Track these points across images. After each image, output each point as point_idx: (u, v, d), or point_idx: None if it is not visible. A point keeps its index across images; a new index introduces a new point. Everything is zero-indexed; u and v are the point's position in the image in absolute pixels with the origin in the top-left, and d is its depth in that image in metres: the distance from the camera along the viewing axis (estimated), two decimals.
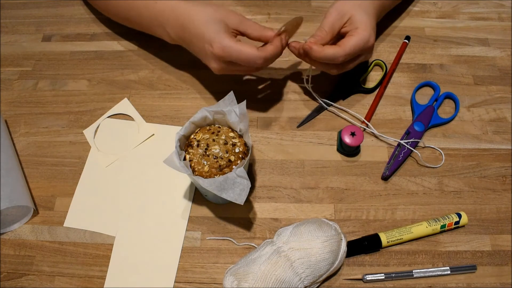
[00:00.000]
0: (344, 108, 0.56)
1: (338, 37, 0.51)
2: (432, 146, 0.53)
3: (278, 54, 0.49)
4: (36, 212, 0.50)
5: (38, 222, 0.50)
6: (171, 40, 0.54)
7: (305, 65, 0.61)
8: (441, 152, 0.53)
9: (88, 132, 0.56)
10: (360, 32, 0.49)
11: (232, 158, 0.44)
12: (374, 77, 0.60)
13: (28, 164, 0.54)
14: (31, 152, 0.55)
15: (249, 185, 0.41)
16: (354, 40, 0.48)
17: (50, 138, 0.56)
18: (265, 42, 0.49)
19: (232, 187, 0.41)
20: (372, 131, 0.54)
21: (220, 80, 0.59)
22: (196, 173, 0.43)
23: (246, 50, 0.46)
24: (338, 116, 0.56)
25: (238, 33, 0.50)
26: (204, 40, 0.48)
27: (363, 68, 0.60)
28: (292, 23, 0.50)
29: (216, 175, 0.43)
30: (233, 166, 0.44)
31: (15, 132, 0.56)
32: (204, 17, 0.48)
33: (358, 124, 0.55)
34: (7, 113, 0.58)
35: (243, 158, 0.45)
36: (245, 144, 0.46)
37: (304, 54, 0.50)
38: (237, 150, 0.44)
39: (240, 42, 0.47)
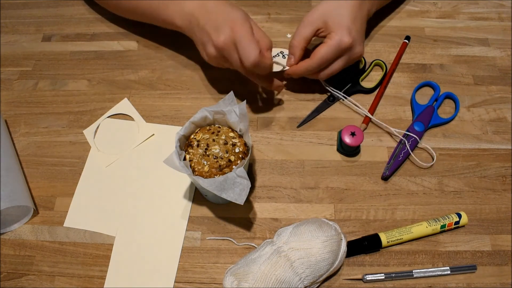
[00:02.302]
0: (352, 101, 0.57)
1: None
2: (427, 147, 0.53)
3: (270, 66, 0.50)
4: (36, 212, 0.50)
5: (38, 222, 0.50)
6: (182, 18, 0.53)
7: None
8: (433, 152, 0.53)
9: (88, 132, 0.56)
10: (332, 36, 0.51)
11: (232, 158, 0.44)
12: (374, 77, 0.60)
13: (28, 164, 0.54)
14: (31, 152, 0.55)
15: (249, 185, 0.41)
16: (323, 48, 0.51)
17: (50, 138, 0.56)
18: None
19: (232, 187, 0.41)
20: (377, 122, 0.55)
21: (220, 80, 0.59)
22: (196, 173, 0.43)
23: (252, 37, 0.47)
24: (350, 109, 0.57)
25: None
26: (227, 13, 0.48)
27: (363, 68, 0.60)
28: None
29: (216, 175, 0.43)
30: (233, 166, 0.44)
31: (15, 132, 0.56)
32: (226, 2, 0.50)
33: (362, 116, 0.55)
34: (7, 113, 0.58)
35: (243, 158, 0.45)
36: (245, 144, 0.46)
37: (286, 76, 0.55)
38: (237, 150, 0.44)
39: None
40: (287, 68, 0.54)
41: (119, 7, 0.61)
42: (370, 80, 0.60)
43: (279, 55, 0.55)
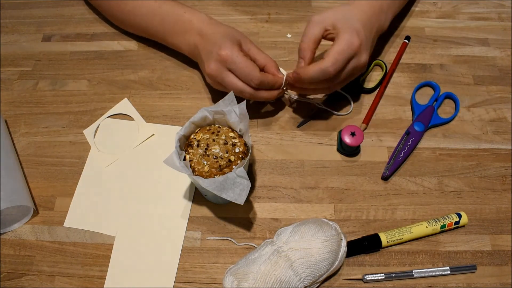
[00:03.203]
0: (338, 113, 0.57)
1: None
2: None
3: (272, 86, 0.51)
4: (36, 212, 0.50)
5: (38, 222, 0.50)
6: (188, 48, 0.56)
7: None
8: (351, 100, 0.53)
9: (88, 132, 0.56)
10: (341, 36, 0.48)
11: (232, 158, 0.44)
12: (374, 77, 0.60)
13: (28, 164, 0.54)
14: (31, 152, 0.55)
15: (249, 185, 0.41)
16: (336, 46, 0.47)
17: (50, 138, 0.56)
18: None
19: (232, 187, 0.41)
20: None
21: None
22: (196, 173, 0.43)
23: (250, 64, 0.49)
24: (339, 116, 0.56)
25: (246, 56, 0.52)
26: (213, 44, 0.51)
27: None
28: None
29: (216, 175, 0.43)
30: (233, 166, 0.44)
31: (15, 132, 0.56)
32: (224, 31, 0.52)
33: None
34: (7, 113, 0.58)
35: (243, 158, 0.45)
36: (245, 144, 0.46)
37: (294, 81, 0.50)
38: (237, 150, 0.44)
39: (246, 58, 0.50)
40: (285, 74, 0.52)
41: (128, 27, 0.63)
42: (370, 80, 0.60)
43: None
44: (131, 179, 0.52)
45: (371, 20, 0.52)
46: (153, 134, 0.56)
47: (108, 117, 0.57)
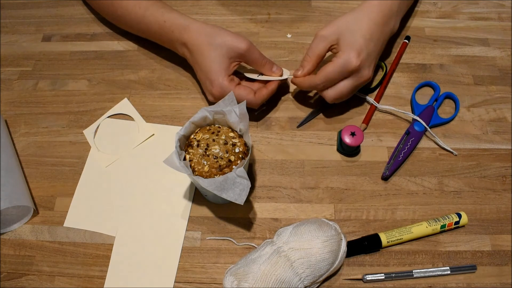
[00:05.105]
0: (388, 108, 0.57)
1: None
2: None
3: (271, 95, 0.54)
4: (36, 212, 0.50)
5: (38, 222, 0.50)
6: (181, 55, 0.57)
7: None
8: None
9: (88, 132, 0.56)
10: (340, 55, 0.49)
11: (232, 158, 0.44)
12: (374, 77, 0.60)
13: (28, 164, 0.54)
14: (31, 152, 0.55)
15: (249, 185, 0.41)
16: (329, 66, 0.49)
17: (50, 138, 0.56)
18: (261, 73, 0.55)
19: (232, 187, 0.41)
20: (385, 108, 0.55)
21: None
22: (196, 173, 0.43)
23: (243, 96, 0.51)
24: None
25: (240, 61, 0.52)
26: (206, 77, 0.52)
27: None
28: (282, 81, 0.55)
29: (216, 175, 0.43)
30: (233, 166, 0.44)
31: (15, 132, 0.56)
32: (210, 52, 0.51)
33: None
34: (7, 113, 0.58)
35: (243, 158, 0.45)
36: (245, 144, 0.46)
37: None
38: (237, 150, 0.44)
39: (238, 85, 0.51)
40: (291, 77, 0.54)
41: (125, 29, 0.63)
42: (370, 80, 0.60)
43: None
44: (131, 179, 0.52)
45: (380, 27, 0.51)
46: (153, 134, 0.56)
47: (108, 117, 0.57)
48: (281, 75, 0.54)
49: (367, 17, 0.51)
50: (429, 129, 0.54)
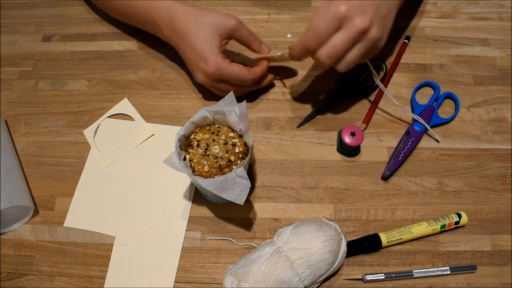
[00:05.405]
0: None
1: None
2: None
3: (264, 75, 0.55)
4: (36, 212, 0.50)
5: (38, 222, 0.50)
6: (165, 38, 0.56)
7: (303, 65, 0.60)
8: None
9: (88, 132, 0.56)
10: (321, 4, 0.44)
11: (232, 158, 0.44)
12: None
13: (28, 164, 0.54)
14: (31, 152, 0.55)
15: (249, 185, 0.41)
16: (316, 15, 0.43)
17: (50, 138, 0.56)
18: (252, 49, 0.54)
19: (232, 187, 0.41)
20: (389, 97, 0.54)
21: None
22: (196, 173, 0.43)
23: (237, 71, 0.51)
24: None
25: (230, 38, 0.53)
26: (198, 56, 0.51)
27: (363, 68, 0.60)
28: (283, 57, 0.54)
29: (216, 175, 0.43)
30: (233, 166, 0.44)
31: (15, 132, 0.56)
32: (199, 30, 0.50)
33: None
34: (7, 113, 0.58)
35: (243, 158, 0.45)
36: (245, 144, 0.46)
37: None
38: (237, 150, 0.44)
39: (232, 62, 0.51)
40: (286, 54, 0.52)
41: (114, 14, 0.63)
42: (370, 80, 0.60)
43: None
44: (131, 179, 0.52)
45: (391, 7, 0.46)
46: (153, 134, 0.56)
47: (108, 117, 0.57)
48: (269, 53, 0.55)
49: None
50: (429, 129, 0.54)
